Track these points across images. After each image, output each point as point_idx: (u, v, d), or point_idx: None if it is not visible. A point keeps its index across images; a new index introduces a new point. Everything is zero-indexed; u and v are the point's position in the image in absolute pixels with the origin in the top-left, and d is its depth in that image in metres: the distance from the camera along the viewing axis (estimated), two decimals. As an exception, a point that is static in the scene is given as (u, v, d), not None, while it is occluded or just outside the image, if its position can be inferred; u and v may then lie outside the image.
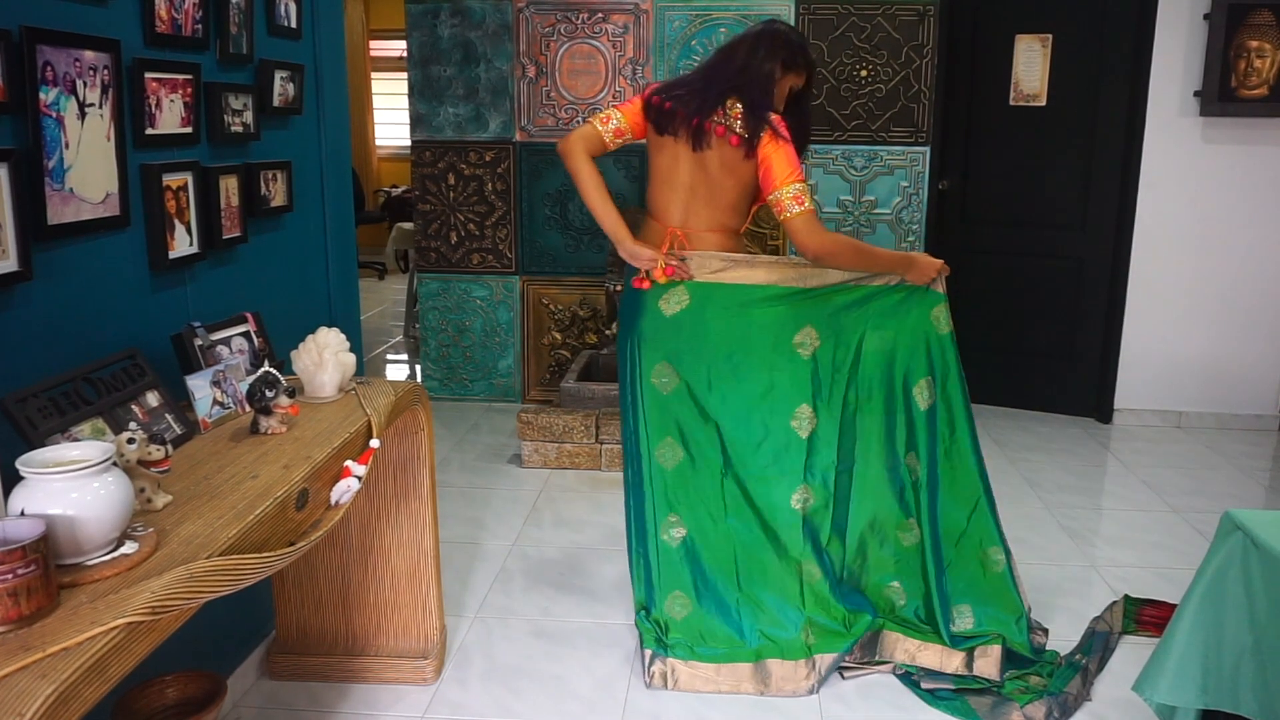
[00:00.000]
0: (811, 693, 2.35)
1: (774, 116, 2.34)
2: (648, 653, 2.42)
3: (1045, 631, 2.59)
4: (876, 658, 2.45)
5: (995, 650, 2.37)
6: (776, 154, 2.31)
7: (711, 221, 2.43)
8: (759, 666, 2.38)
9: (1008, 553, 2.51)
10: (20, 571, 1.11)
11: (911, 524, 2.50)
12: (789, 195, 2.30)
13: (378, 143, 9.57)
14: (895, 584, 2.51)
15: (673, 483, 2.47)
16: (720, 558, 2.46)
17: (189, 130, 2.05)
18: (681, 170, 2.41)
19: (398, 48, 8.76)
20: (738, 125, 2.33)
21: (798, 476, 2.45)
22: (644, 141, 2.48)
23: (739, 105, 2.34)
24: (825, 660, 2.39)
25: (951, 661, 2.39)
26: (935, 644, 2.42)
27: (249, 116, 2.26)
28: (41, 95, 1.62)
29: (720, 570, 2.46)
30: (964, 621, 2.47)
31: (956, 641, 2.41)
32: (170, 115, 1.98)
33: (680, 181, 2.42)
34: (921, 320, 2.46)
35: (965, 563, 2.50)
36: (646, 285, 2.43)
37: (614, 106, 2.46)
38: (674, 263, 2.39)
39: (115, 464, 1.30)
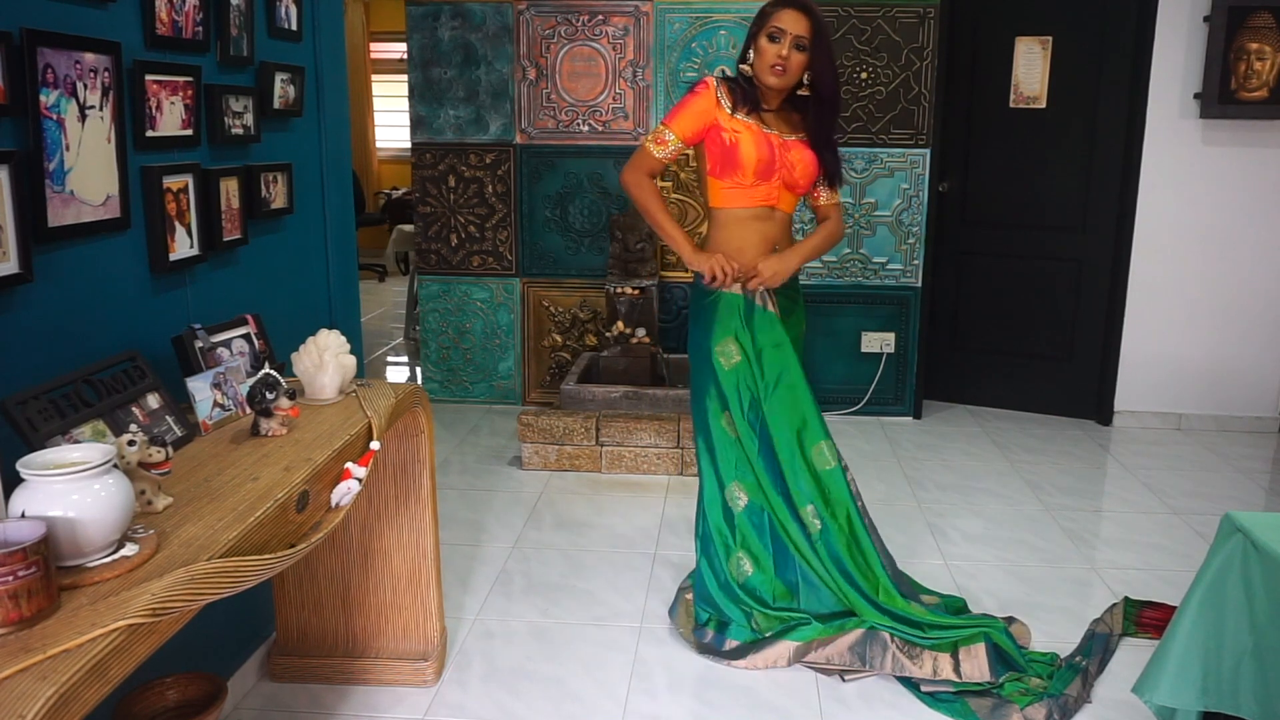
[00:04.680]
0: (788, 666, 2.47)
1: (709, 76, 2.58)
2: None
3: (1023, 625, 2.65)
4: (874, 667, 2.44)
5: (979, 649, 2.37)
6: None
7: None
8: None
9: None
10: (21, 573, 1.11)
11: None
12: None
13: (378, 145, 9.58)
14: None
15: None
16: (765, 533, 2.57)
17: (189, 132, 2.05)
18: None
19: (398, 50, 8.76)
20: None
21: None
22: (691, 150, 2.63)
23: None
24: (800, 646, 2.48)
25: (944, 669, 2.38)
26: (926, 650, 2.42)
27: (249, 119, 2.26)
28: (42, 97, 1.62)
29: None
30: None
31: (933, 636, 2.44)
32: (171, 117, 1.98)
33: None
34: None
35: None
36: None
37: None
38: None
39: (116, 466, 1.30)
